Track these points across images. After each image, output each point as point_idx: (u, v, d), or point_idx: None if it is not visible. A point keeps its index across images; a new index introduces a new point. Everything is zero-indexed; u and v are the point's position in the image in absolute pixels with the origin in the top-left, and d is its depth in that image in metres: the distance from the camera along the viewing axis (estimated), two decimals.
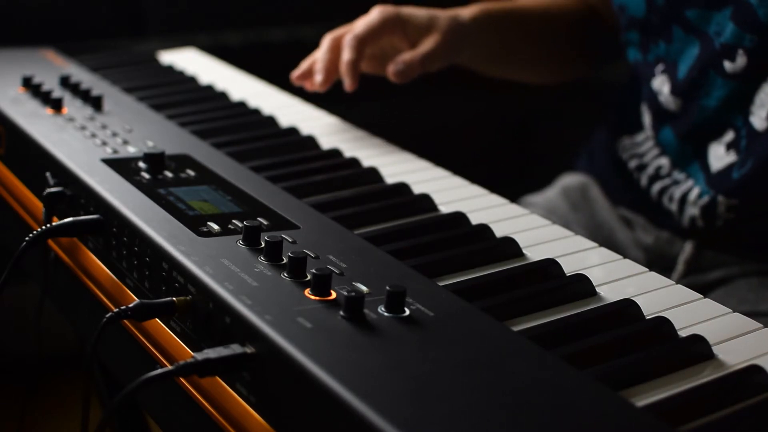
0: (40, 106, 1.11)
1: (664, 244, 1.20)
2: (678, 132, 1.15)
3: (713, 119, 1.10)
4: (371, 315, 0.67)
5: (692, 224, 1.13)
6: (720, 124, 1.10)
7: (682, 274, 1.17)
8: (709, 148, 1.11)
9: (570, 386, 0.61)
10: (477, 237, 0.88)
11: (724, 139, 1.09)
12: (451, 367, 0.62)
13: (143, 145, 1.01)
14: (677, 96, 1.12)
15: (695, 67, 1.09)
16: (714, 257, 1.16)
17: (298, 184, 0.98)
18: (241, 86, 1.35)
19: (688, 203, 1.13)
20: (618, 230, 1.26)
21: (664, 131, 1.17)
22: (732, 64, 1.05)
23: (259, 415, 0.65)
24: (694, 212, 1.12)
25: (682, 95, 1.12)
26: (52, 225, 0.85)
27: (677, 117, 1.14)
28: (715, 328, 0.73)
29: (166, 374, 0.65)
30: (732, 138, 1.08)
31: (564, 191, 1.34)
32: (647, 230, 1.23)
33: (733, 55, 1.05)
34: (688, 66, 1.10)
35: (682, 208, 1.14)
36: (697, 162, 1.13)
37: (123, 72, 1.34)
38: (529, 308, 0.75)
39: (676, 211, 1.15)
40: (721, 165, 1.09)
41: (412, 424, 0.55)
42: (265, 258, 0.75)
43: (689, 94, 1.11)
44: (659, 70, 1.15)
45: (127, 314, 0.73)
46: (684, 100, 1.12)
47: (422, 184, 1.01)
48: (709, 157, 1.11)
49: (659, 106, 1.15)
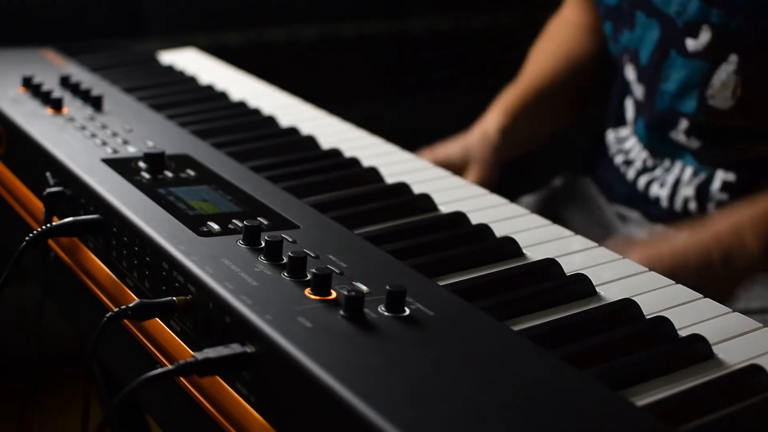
0: (40, 106, 1.11)
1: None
2: (646, 122, 1.16)
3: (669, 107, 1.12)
4: (371, 314, 0.67)
5: (684, 208, 1.14)
6: (672, 113, 1.11)
7: None
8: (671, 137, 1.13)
9: (570, 386, 0.61)
10: (477, 237, 0.88)
11: (680, 128, 1.10)
12: (451, 366, 0.62)
13: (143, 145, 1.01)
14: (642, 83, 1.13)
15: (657, 50, 1.10)
16: None
17: (298, 184, 0.98)
18: (241, 86, 1.35)
19: (682, 184, 1.14)
20: (615, 228, 1.27)
21: (638, 123, 1.19)
22: (695, 42, 1.06)
23: (259, 415, 0.65)
24: (688, 193, 1.13)
25: (646, 82, 1.13)
26: (52, 225, 0.85)
27: (644, 106, 1.15)
28: (715, 328, 0.73)
29: (166, 374, 0.65)
30: (687, 125, 1.09)
31: (562, 190, 1.35)
32: (641, 225, 1.23)
33: (696, 32, 1.06)
34: (649, 51, 1.11)
35: (674, 192, 1.15)
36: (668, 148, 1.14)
37: (123, 72, 1.34)
38: (529, 308, 0.75)
39: (667, 198, 1.15)
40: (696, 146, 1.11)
41: (412, 423, 0.55)
42: (265, 258, 0.75)
43: (651, 78, 1.12)
44: (626, 60, 1.16)
45: (127, 314, 0.73)
46: (647, 87, 1.13)
47: (422, 184, 1.01)
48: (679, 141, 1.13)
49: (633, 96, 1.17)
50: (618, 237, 1.25)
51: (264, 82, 1.39)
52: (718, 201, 1.11)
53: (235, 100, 1.27)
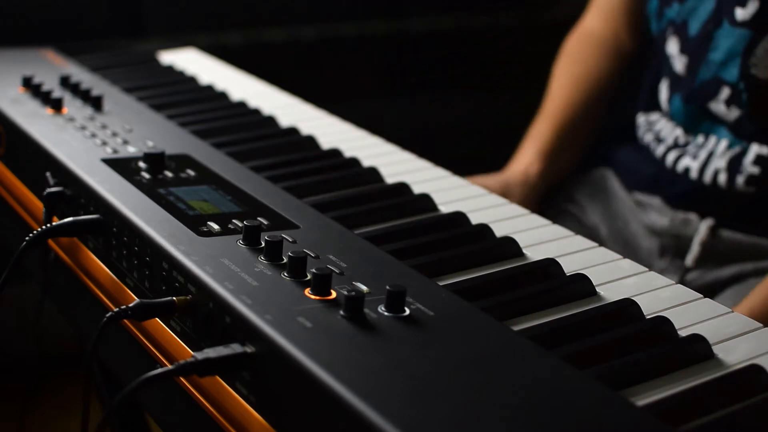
0: (40, 106, 1.11)
1: (679, 226, 1.21)
2: (684, 96, 1.17)
3: (713, 76, 1.13)
4: (371, 314, 0.67)
5: (714, 182, 1.14)
6: (716, 82, 1.13)
7: (697, 256, 1.18)
8: (709, 108, 1.14)
9: (570, 386, 0.61)
10: (477, 237, 0.88)
11: (720, 97, 1.12)
12: (451, 366, 0.62)
13: (143, 145, 1.01)
14: (686, 54, 1.15)
15: (710, 20, 1.13)
16: (730, 239, 1.16)
17: (298, 184, 0.98)
18: (241, 86, 1.35)
19: (715, 155, 1.15)
20: (632, 220, 1.27)
21: (674, 100, 1.20)
22: (743, 10, 1.10)
23: (259, 415, 0.65)
24: (720, 165, 1.14)
25: (691, 52, 1.15)
26: (52, 225, 0.85)
27: (684, 80, 1.16)
28: (715, 328, 0.73)
29: (166, 374, 0.65)
30: (728, 94, 1.11)
31: (583, 181, 1.36)
32: (662, 212, 1.23)
33: (745, 1, 1.09)
34: (701, 21, 1.14)
35: (706, 164, 1.15)
36: (707, 122, 1.15)
37: (123, 72, 1.34)
38: (529, 308, 0.75)
39: (697, 170, 1.16)
40: (733, 117, 1.13)
41: (412, 423, 0.55)
42: (265, 258, 0.75)
43: (699, 49, 1.14)
44: (670, 33, 1.17)
45: (127, 314, 0.73)
46: (691, 58, 1.15)
47: (422, 184, 1.01)
48: (716, 113, 1.14)
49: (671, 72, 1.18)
50: (637, 227, 1.26)
51: (264, 82, 1.39)
52: (749, 174, 1.12)
53: (235, 100, 1.27)
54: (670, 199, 1.23)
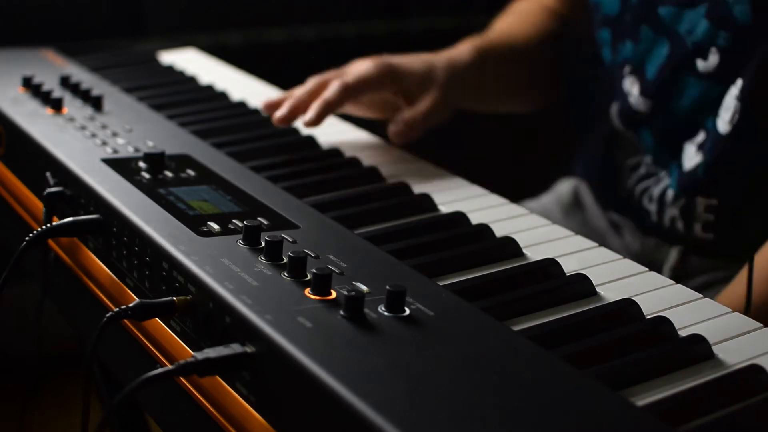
0: (40, 106, 1.11)
1: (652, 250, 1.19)
2: (654, 133, 1.15)
3: (686, 120, 1.10)
4: (371, 314, 0.67)
5: (672, 226, 1.13)
6: (693, 124, 1.09)
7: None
8: (684, 148, 1.11)
9: (570, 386, 0.61)
10: (477, 237, 0.88)
11: (696, 140, 1.09)
12: (451, 366, 0.62)
13: (143, 145, 1.01)
14: (647, 98, 1.12)
15: (666, 66, 1.09)
16: (700, 264, 1.15)
17: (298, 184, 0.98)
18: (241, 86, 1.35)
19: (667, 204, 1.13)
20: (609, 236, 1.26)
21: (642, 133, 1.17)
22: (704, 63, 1.05)
23: (259, 415, 0.65)
24: (674, 213, 1.12)
25: (652, 96, 1.12)
26: (52, 225, 0.85)
27: (650, 118, 1.14)
28: (715, 328, 0.73)
29: (166, 374, 0.65)
30: (702, 139, 1.08)
31: (557, 197, 1.34)
32: (635, 236, 1.22)
33: (705, 54, 1.05)
34: (657, 66, 1.10)
35: (661, 209, 1.14)
36: (674, 162, 1.13)
37: (123, 72, 1.34)
38: (529, 308, 0.75)
39: (656, 212, 1.15)
40: (690, 165, 1.10)
41: (412, 423, 0.55)
42: (265, 258, 0.75)
43: (660, 95, 1.11)
44: (627, 71, 1.15)
45: (127, 314, 0.73)
46: (654, 102, 1.12)
47: (422, 184, 1.01)
48: (683, 157, 1.11)
49: (630, 108, 1.15)
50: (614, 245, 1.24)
51: (264, 82, 1.39)
52: (705, 221, 1.10)
53: (235, 100, 1.27)
54: (640, 226, 1.21)
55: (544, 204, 1.34)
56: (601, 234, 1.26)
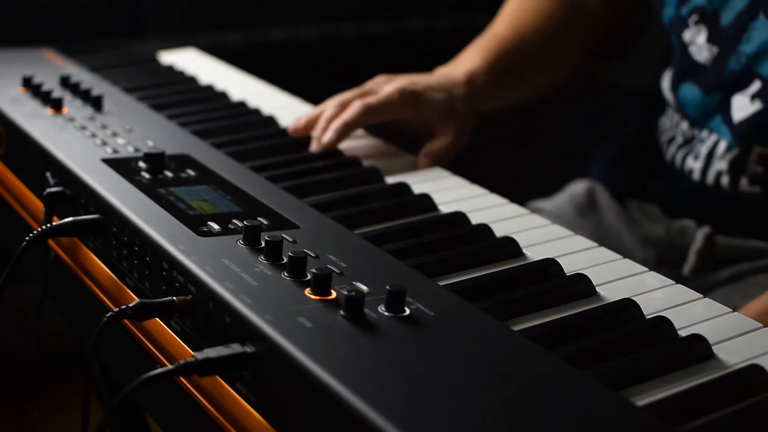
0: (40, 106, 1.11)
1: (676, 235, 1.20)
2: (704, 85, 1.15)
3: (744, 68, 1.10)
4: (371, 314, 0.67)
5: (717, 183, 1.13)
6: (748, 74, 1.10)
7: (693, 266, 1.16)
8: (732, 100, 1.12)
9: (570, 386, 0.61)
10: (477, 237, 0.88)
11: (749, 90, 1.10)
12: (450, 366, 0.62)
13: (143, 145, 1.01)
14: (715, 44, 1.13)
15: (746, 10, 1.10)
16: (726, 246, 1.15)
17: (298, 184, 0.98)
18: (241, 86, 1.35)
19: (716, 157, 1.13)
20: (625, 234, 1.26)
21: (684, 88, 1.17)
22: None
23: (259, 415, 0.65)
24: (722, 167, 1.12)
25: (721, 43, 1.12)
26: (52, 225, 0.85)
27: (705, 69, 1.14)
28: (715, 328, 0.73)
29: (166, 374, 0.65)
30: (758, 88, 1.09)
31: (571, 197, 1.35)
32: (659, 221, 1.22)
33: None
34: (736, 11, 1.11)
35: (707, 165, 1.14)
36: (719, 115, 1.13)
37: (123, 72, 1.34)
38: (529, 308, 0.75)
39: (700, 171, 1.15)
40: (744, 114, 1.10)
41: (412, 423, 0.55)
42: (266, 257, 0.75)
43: (730, 40, 1.11)
44: (693, 21, 1.15)
45: (127, 314, 0.73)
46: (721, 48, 1.12)
47: (422, 184, 1.01)
48: (732, 108, 1.12)
49: (687, 60, 1.15)
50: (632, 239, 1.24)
51: (264, 82, 1.39)
52: (753, 173, 1.10)
53: (235, 100, 1.27)
54: (669, 204, 1.22)
55: (557, 204, 1.35)
56: (616, 232, 1.27)
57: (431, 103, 1.14)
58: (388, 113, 1.12)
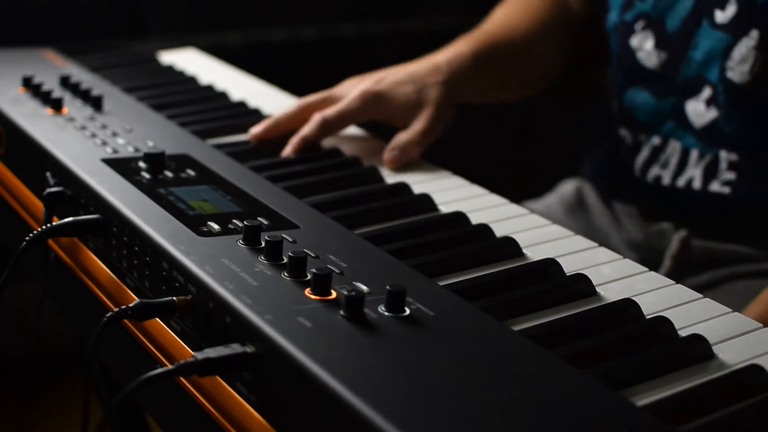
0: (40, 106, 1.11)
1: (654, 239, 1.20)
2: (655, 90, 1.15)
3: (695, 75, 1.11)
4: (371, 314, 0.67)
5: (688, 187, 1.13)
6: (698, 80, 1.11)
7: (669, 270, 1.16)
8: (686, 105, 1.13)
9: (570, 386, 0.61)
10: (477, 237, 0.88)
11: (702, 96, 1.11)
12: (451, 366, 0.62)
13: (143, 145, 1.01)
14: (663, 49, 1.13)
15: (689, 18, 1.11)
16: (703, 249, 1.15)
17: (298, 184, 0.98)
18: (241, 86, 1.35)
19: (689, 165, 1.13)
20: (612, 234, 1.26)
21: (631, 93, 1.17)
22: (722, 13, 1.08)
23: (259, 415, 0.65)
24: (695, 173, 1.12)
25: (669, 48, 1.13)
26: (52, 225, 0.85)
27: (655, 75, 1.15)
28: (715, 328, 0.73)
29: (167, 374, 0.65)
30: (710, 94, 1.10)
31: (561, 197, 1.34)
32: (638, 225, 1.22)
33: (723, 4, 1.08)
34: (681, 17, 1.12)
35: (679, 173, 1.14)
36: (672, 121, 1.13)
37: (123, 72, 1.34)
38: (529, 308, 0.75)
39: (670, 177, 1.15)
40: (704, 121, 1.11)
41: (412, 423, 0.55)
42: (266, 258, 0.75)
43: (678, 46, 1.12)
44: (639, 27, 1.16)
45: (128, 314, 0.73)
46: (670, 53, 1.13)
47: (422, 184, 1.01)
48: (687, 114, 1.12)
49: (634, 65, 1.16)
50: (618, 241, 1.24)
51: (264, 82, 1.39)
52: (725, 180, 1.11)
53: (235, 100, 1.27)
54: (647, 207, 1.21)
55: (547, 204, 1.35)
56: (605, 232, 1.26)
57: (396, 98, 1.12)
58: (348, 121, 1.12)
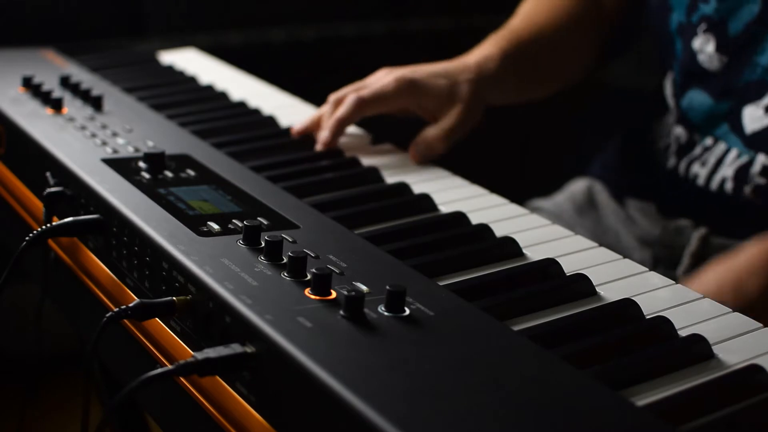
0: (40, 106, 1.11)
1: (672, 236, 1.20)
2: (714, 92, 1.14)
3: (759, 79, 1.10)
4: (371, 314, 0.67)
5: (720, 190, 1.13)
6: (762, 85, 1.10)
7: (687, 267, 1.16)
8: (744, 110, 1.11)
9: (570, 386, 0.61)
10: (477, 237, 0.88)
11: (762, 102, 1.10)
12: (450, 366, 0.62)
13: (143, 145, 1.01)
14: (724, 53, 1.12)
15: (755, 22, 1.09)
16: (722, 247, 1.15)
17: (298, 184, 0.98)
18: (241, 86, 1.35)
19: (724, 164, 1.13)
20: (623, 233, 1.26)
21: (690, 94, 1.17)
22: None
23: (259, 415, 0.65)
24: (728, 173, 1.12)
25: (730, 52, 1.12)
26: (52, 225, 0.85)
27: (715, 77, 1.14)
28: (715, 328, 0.73)
29: (166, 374, 0.65)
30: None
31: (571, 196, 1.34)
32: (655, 221, 1.22)
33: None
34: (745, 22, 1.10)
35: (714, 171, 1.14)
36: (726, 123, 1.13)
37: (123, 72, 1.34)
38: (529, 308, 0.75)
39: (706, 177, 1.14)
40: (758, 126, 1.10)
41: (412, 423, 0.55)
42: (265, 258, 0.75)
43: (741, 50, 1.11)
44: (701, 30, 1.15)
45: (127, 314, 0.73)
46: (731, 57, 1.12)
47: (422, 184, 1.01)
48: (743, 118, 1.11)
49: (695, 67, 1.15)
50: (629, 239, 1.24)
51: (264, 82, 1.39)
52: (756, 185, 1.10)
53: (235, 100, 1.27)
54: (667, 204, 1.21)
55: (557, 203, 1.35)
56: (615, 230, 1.27)
57: (431, 88, 1.12)
58: (383, 104, 1.11)
